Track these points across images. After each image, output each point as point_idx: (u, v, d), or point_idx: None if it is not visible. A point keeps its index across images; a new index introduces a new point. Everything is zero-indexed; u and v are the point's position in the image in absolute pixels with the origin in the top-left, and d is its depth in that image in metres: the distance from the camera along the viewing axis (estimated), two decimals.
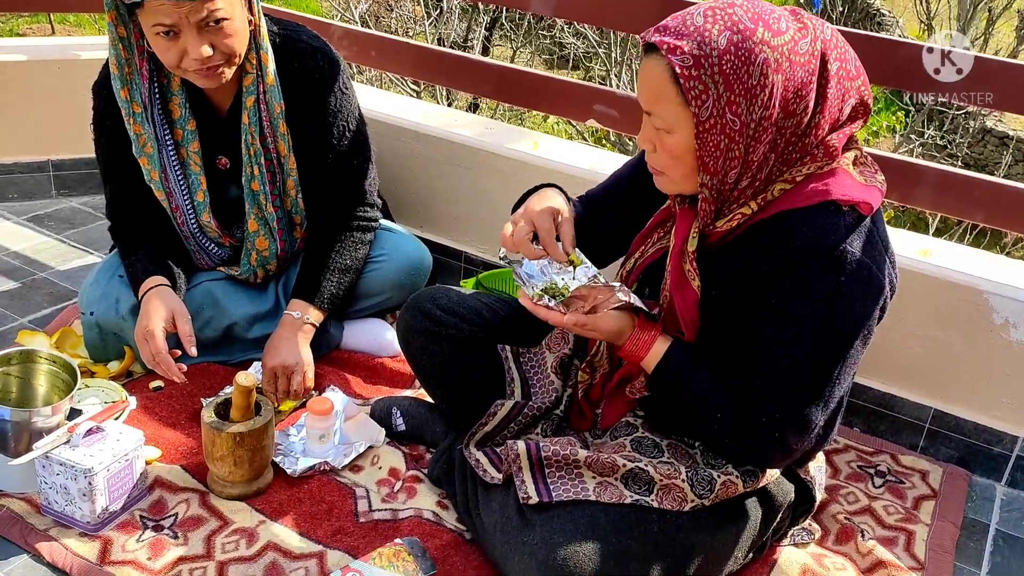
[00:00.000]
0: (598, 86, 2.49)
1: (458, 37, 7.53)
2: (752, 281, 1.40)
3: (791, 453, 1.44)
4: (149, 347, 1.78)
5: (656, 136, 1.38)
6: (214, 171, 1.98)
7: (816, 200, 1.35)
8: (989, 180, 2.01)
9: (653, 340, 1.47)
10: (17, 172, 2.80)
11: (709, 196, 1.37)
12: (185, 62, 1.73)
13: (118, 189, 1.98)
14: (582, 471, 1.51)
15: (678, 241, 1.45)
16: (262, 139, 1.92)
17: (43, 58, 2.78)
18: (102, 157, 1.98)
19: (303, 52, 1.93)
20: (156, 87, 1.86)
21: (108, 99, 1.90)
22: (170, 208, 1.96)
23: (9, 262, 2.50)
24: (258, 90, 1.88)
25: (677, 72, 1.28)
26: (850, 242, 1.34)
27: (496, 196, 2.46)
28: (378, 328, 2.21)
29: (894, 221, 6.29)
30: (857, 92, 1.37)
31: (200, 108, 1.93)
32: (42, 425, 1.60)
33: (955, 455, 2.06)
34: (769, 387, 1.40)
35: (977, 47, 8.54)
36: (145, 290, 1.86)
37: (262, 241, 2.02)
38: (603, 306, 1.45)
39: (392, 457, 1.82)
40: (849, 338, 1.37)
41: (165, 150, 1.90)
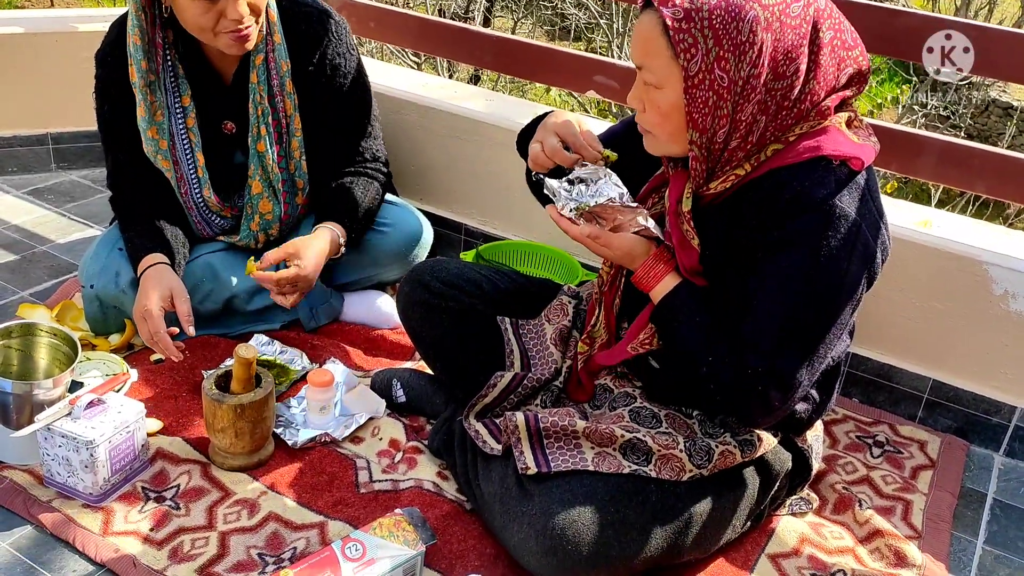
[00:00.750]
0: (599, 57, 2.47)
1: (459, 8, 7.47)
2: (743, 235, 1.41)
3: (773, 410, 1.42)
4: (147, 326, 1.79)
5: (646, 92, 1.39)
6: (220, 137, 1.99)
7: (807, 156, 1.36)
8: (990, 151, 2.00)
9: (666, 273, 1.48)
10: (16, 145, 2.79)
11: (700, 155, 1.38)
12: (221, 24, 1.76)
13: (120, 159, 1.98)
14: (580, 442, 1.52)
15: (672, 202, 1.46)
16: (270, 98, 1.94)
17: (42, 30, 2.77)
18: (104, 126, 1.98)
19: (309, 15, 1.97)
20: (168, 57, 1.88)
21: (113, 67, 1.90)
22: (175, 178, 1.96)
23: (9, 235, 2.50)
24: (266, 48, 1.91)
25: (668, 24, 1.29)
26: (840, 197, 1.34)
27: (496, 169, 2.45)
28: (378, 300, 2.21)
29: (897, 192, 6.27)
30: (855, 62, 1.38)
31: (204, 77, 1.94)
32: (43, 398, 1.61)
33: (953, 425, 2.07)
34: (752, 338, 1.39)
35: (982, 17, 8.46)
36: (144, 268, 1.86)
37: (265, 204, 2.02)
38: (623, 228, 1.46)
39: (392, 428, 1.83)
40: (833, 295, 1.37)
41: (175, 119, 1.92)
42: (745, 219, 1.40)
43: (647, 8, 1.35)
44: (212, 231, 2.07)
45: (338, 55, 2.00)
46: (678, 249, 1.46)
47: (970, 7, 8.37)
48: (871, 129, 1.46)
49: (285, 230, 2.11)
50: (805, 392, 1.44)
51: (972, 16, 8.39)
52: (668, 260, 1.48)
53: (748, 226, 1.40)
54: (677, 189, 1.46)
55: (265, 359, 1.97)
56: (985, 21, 8.31)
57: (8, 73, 2.73)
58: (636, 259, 1.48)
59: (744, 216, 1.40)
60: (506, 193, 2.45)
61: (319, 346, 2.07)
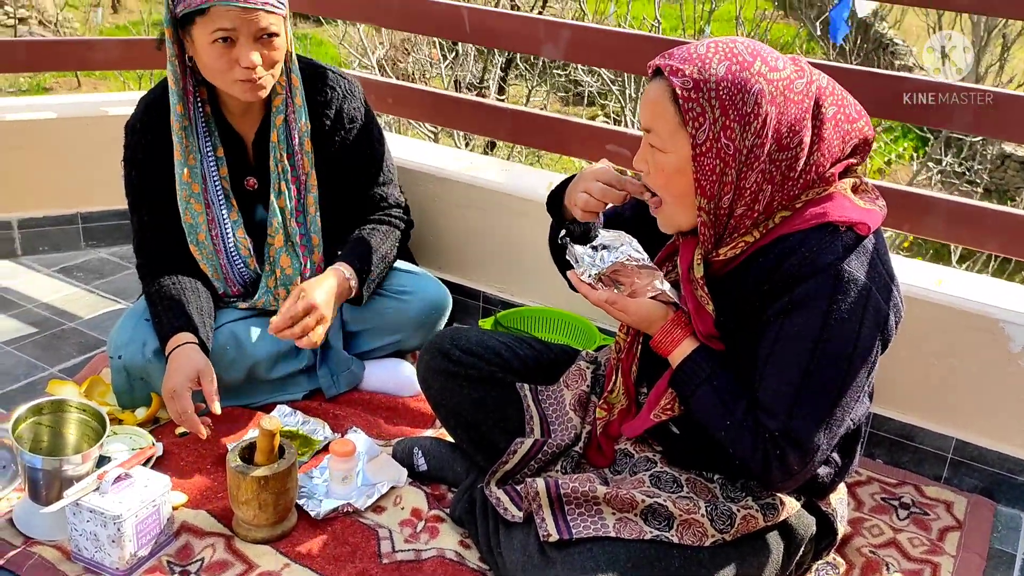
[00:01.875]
0: (609, 126, 2.53)
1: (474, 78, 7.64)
2: (753, 301, 1.43)
3: (793, 474, 1.43)
4: (176, 406, 1.83)
5: (651, 155, 1.44)
6: (243, 192, 2.08)
7: (814, 223, 1.40)
8: (1001, 210, 2.02)
9: (683, 337, 1.50)
10: (47, 225, 2.88)
11: (707, 220, 1.42)
12: (235, 71, 1.87)
13: (145, 220, 2.06)
14: (601, 507, 1.53)
15: (684, 269, 1.49)
16: (289, 156, 2.04)
17: (73, 115, 2.87)
18: (132, 190, 2.06)
19: (326, 76, 2.10)
20: (199, 104, 1.99)
21: (141, 132, 2.01)
22: (206, 221, 2.03)
23: (39, 313, 2.56)
24: (287, 110, 2.01)
25: (677, 93, 1.35)
26: (848, 262, 1.37)
27: (513, 236, 2.49)
28: (399, 368, 2.24)
29: (915, 248, 6.27)
30: (860, 133, 1.44)
31: (227, 135, 2.04)
32: (72, 473, 1.63)
33: (979, 485, 2.05)
34: (767, 401, 1.41)
35: (993, 73, 8.55)
36: (172, 347, 1.91)
37: (285, 259, 2.09)
38: (640, 292, 1.50)
39: (414, 497, 1.84)
40: (846, 357, 1.38)
41: (207, 162, 2.01)
42: (755, 285, 1.43)
43: (657, 76, 1.41)
44: (235, 278, 2.11)
45: (353, 109, 2.12)
46: (693, 315, 1.49)
47: (981, 63, 8.47)
48: (877, 192, 1.50)
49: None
50: (825, 455, 1.44)
51: (983, 72, 8.48)
52: (686, 325, 1.51)
53: (758, 292, 1.42)
54: (688, 255, 1.49)
55: (288, 430, 1.99)
56: (996, 77, 8.39)
57: (40, 156, 2.82)
58: (654, 324, 1.51)
59: (754, 282, 1.43)
60: (523, 260, 2.49)
61: (341, 416, 2.10)
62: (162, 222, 2.04)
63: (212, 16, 1.82)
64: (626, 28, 6.80)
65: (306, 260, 2.12)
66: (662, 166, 1.42)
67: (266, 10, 1.84)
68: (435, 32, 3.00)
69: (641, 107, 1.45)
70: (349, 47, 7.87)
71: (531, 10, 7.94)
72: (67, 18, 11.26)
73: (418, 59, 8.10)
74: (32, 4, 11.22)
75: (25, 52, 3.03)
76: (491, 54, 7.51)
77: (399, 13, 2.66)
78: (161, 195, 2.02)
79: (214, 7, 1.81)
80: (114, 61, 3.14)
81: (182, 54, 1.92)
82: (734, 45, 1.38)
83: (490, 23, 2.54)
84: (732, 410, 1.44)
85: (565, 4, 8.21)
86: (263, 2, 1.83)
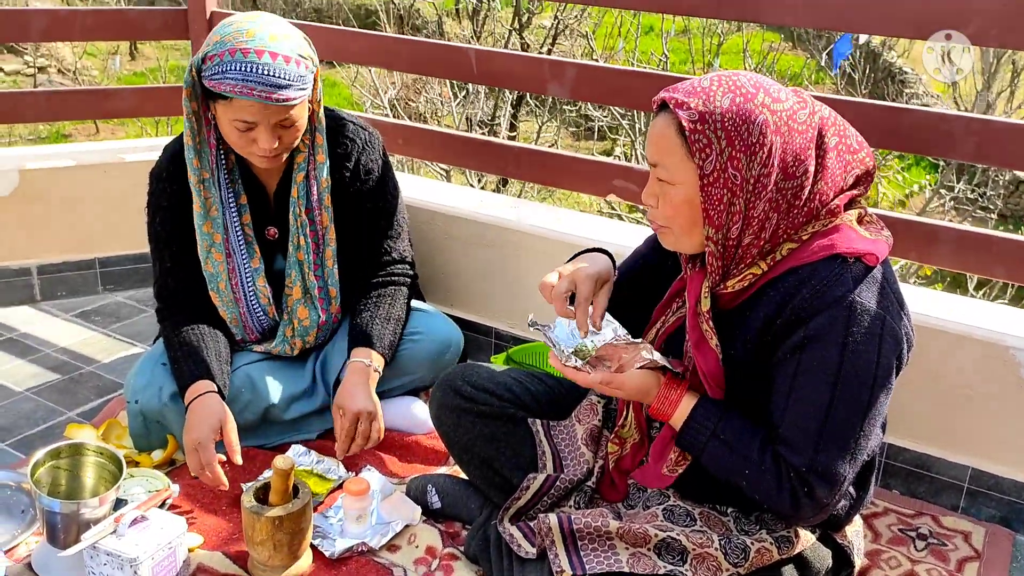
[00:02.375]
0: (617, 162, 2.56)
1: (485, 116, 7.72)
2: (766, 338, 1.44)
3: (823, 507, 1.44)
4: (199, 458, 1.85)
5: (659, 189, 1.46)
6: (263, 241, 2.10)
7: (822, 255, 1.41)
8: (1008, 237, 2.02)
9: (680, 397, 1.50)
10: (66, 271, 2.93)
11: (715, 251, 1.43)
12: (252, 148, 1.90)
13: (168, 266, 2.08)
14: (615, 542, 1.53)
15: (691, 301, 1.50)
16: (308, 211, 2.06)
17: (90, 163, 2.93)
18: (154, 236, 2.09)
19: (346, 127, 2.12)
20: (222, 156, 2.01)
21: (166, 180, 2.03)
22: (227, 270, 2.05)
23: (57, 357, 2.59)
24: (308, 166, 2.03)
25: (684, 125, 1.37)
26: (859, 292, 1.38)
27: (523, 272, 2.52)
28: (412, 406, 2.25)
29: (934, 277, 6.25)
30: (861, 163, 1.46)
31: (249, 184, 2.07)
32: (90, 516, 1.65)
33: (997, 514, 2.03)
34: (790, 438, 1.42)
35: (1003, 100, 8.56)
36: (192, 396, 1.92)
37: (303, 311, 2.10)
38: (629, 365, 1.49)
39: (428, 535, 1.84)
40: (867, 387, 1.39)
41: (228, 212, 2.03)
42: (765, 319, 1.44)
43: (663, 111, 1.44)
44: (254, 326, 2.13)
45: (370, 161, 2.13)
46: (695, 350, 1.49)
47: (992, 89, 8.48)
48: (882, 223, 1.51)
49: (322, 337, 2.18)
50: (850, 484, 1.45)
51: (994, 98, 8.49)
52: (680, 384, 1.52)
53: (769, 326, 1.43)
54: (696, 288, 1.50)
55: (302, 470, 2.01)
56: (1007, 104, 8.39)
57: (59, 203, 2.88)
58: (650, 393, 1.52)
59: (764, 316, 1.44)
60: (533, 296, 2.49)
61: (354, 454, 2.11)
62: (183, 268, 2.07)
63: (235, 105, 1.83)
64: (634, 65, 6.87)
65: (324, 312, 2.14)
66: (671, 198, 1.44)
67: (289, 104, 1.84)
68: (443, 74, 3.05)
69: (648, 142, 1.47)
70: (362, 88, 7.99)
71: (541, 47, 8.04)
72: (86, 66, 11.47)
73: (430, 98, 8.20)
74: (51, 53, 11.45)
75: (44, 102, 3.10)
76: (501, 92, 7.60)
77: (408, 57, 2.71)
78: (183, 242, 2.05)
79: (236, 99, 1.82)
80: (130, 109, 3.21)
81: (203, 109, 1.93)
82: (737, 78, 1.41)
83: (496, 64, 2.59)
84: (746, 456, 1.45)
85: (575, 41, 8.31)
86: (285, 99, 1.82)
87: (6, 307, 2.85)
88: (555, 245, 2.43)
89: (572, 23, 8.18)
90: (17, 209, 2.83)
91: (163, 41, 11.47)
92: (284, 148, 1.93)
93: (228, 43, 1.82)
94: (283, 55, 1.82)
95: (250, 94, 1.79)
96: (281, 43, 1.83)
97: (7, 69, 11.34)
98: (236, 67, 1.79)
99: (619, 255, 2.26)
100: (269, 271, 2.12)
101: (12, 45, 11.12)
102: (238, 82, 1.79)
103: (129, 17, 3.27)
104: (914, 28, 1.95)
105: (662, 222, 1.48)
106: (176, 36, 3.03)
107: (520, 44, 8.25)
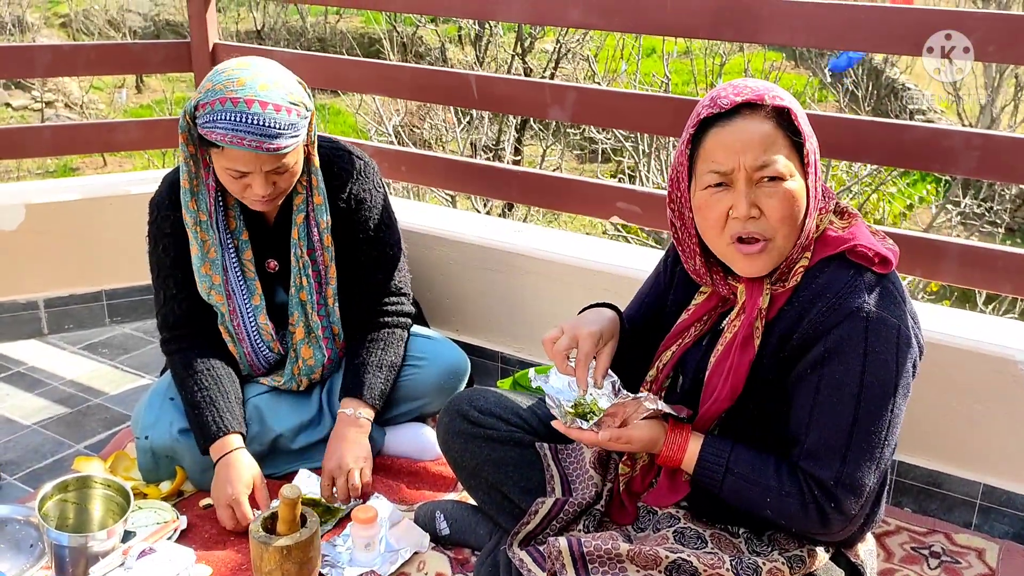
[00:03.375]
0: (619, 184, 2.57)
1: (489, 140, 7.76)
2: (783, 354, 1.46)
3: (852, 519, 1.44)
4: (235, 514, 1.88)
5: (762, 197, 1.41)
6: (264, 275, 2.10)
7: (843, 246, 1.45)
8: (1013, 252, 2.02)
9: (687, 441, 1.50)
10: (72, 304, 2.94)
11: (803, 242, 1.46)
12: (247, 193, 1.90)
13: (172, 293, 2.07)
14: (625, 565, 1.51)
15: (751, 308, 1.48)
16: (310, 251, 2.06)
17: (96, 195, 2.95)
18: (156, 266, 2.09)
19: (341, 158, 2.11)
20: (220, 197, 2.01)
21: (169, 208, 2.03)
22: (228, 311, 2.05)
23: (65, 390, 2.60)
24: (307, 208, 2.03)
25: (793, 114, 1.42)
26: (873, 302, 1.40)
27: (528, 296, 2.52)
28: (419, 432, 2.24)
29: (942, 292, 6.23)
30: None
31: (249, 218, 2.06)
32: (98, 549, 1.65)
33: (1011, 531, 2.01)
34: (816, 452, 1.42)
35: (1007, 114, 8.56)
36: (222, 453, 1.94)
37: (307, 350, 2.10)
38: (633, 417, 1.49)
39: (437, 562, 1.83)
40: (889, 396, 1.41)
41: (227, 253, 2.03)
42: (780, 336, 1.46)
43: (731, 119, 1.42)
44: (261, 364, 2.14)
45: (363, 191, 2.11)
46: (739, 349, 1.48)
47: (995, 103, 8.49)
48: (884, 234, 1.54)
49: (329, 372, 2.18)
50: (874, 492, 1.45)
51: (998, 113, 8.50)
52: (684, 427, 1.52)
53: (786, 344, 1.45)
54: (756, 294, 1.49)
55: (310, 497, 2.00)
56: (1011, 119, 8.40)
57: (66, 236, 2.90)
58: (658, 442, 1.52)
59: (779, 332, 1.46)
60: (539, 320, 2.51)
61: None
62: (188, 295, 2.06)
63: (227, 154, 1.83)
64: (636, 87, 6.90)
65: (329, 351, 2.14)
66: (789, 194, 1.41)
67: (281, 153, 1.84)
68: (445, 100, 3.08)
69: (737, 148, 1.41)
70: (366, 115, 8.04)
71: (544, 71, 8.09)
72: (92, 100, 11.59)
73: (434, 124, 8.25)
74: (58, 88, 11.57)
75: (51, 136, 3.13)
76: (505, 117, 7.64)
77: (410, 84, 2.73)
78: (186, 270, 2.04)
79: (227, 148, 1.82)
80: (136, 142, 3.24)
81: (200, 152, 1.94)
82: (755, 81, 1.48)
83: (498, 90, 2.60)
84: (765, 485, 1.45)
85: (577, 64, 8.37)
86: (276, 147, 1.82)
87: (14, 341, 2.86)
88: (560, 268, 2.43)
89: (574, 47, 8.24)
90: (23, 243, 2.85)
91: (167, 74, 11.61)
92: (279, 193, 1.94)
93: (219, 91, 1.81)
94: (273, 104, 1.81)
95: (241, 144, 1.79)
96: (272, 91, 1.82)
97: (15, 104, 11.47)
98: (227, 116, 1.79)
99: (626, 278, 2.28)
100: (271, 305, 2.11)
101: (20, 81, 11.24)
102: (229, 131, 1.79)
103: (132, 51, 3.31)
104: (911, 45, 1.96)
105: (768, 233, 1.43)
106: (179, 69, 3.07)
107: (523, 69, 8.30)
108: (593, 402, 1.54)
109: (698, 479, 1.51)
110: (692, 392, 1.59)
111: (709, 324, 1.59)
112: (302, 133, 1.88)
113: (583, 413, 1.53)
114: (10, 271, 2.85)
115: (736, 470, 1.47)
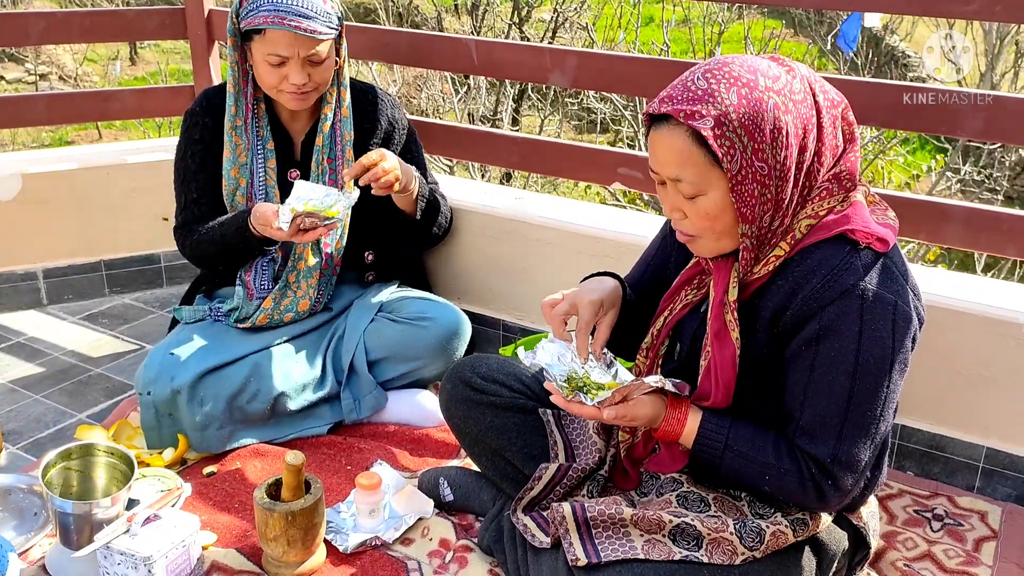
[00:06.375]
0: (621, 150, 2.55)
1: (487, 111, 7.70)
2: (776, 330, 1.44)
3: (848, 493, 1.44)
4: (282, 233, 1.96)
5: (684, 203, 1.41)
6: (285, 184, 2.21)
7: (837, 230, 1.40)
8: (1017, 214, 2.01)
9: (686, 415, 1.50)
10: (71, 274, 2.93)
11: (750, 244, 1.41)
12: (283, 85, 2.07)
13: (194, 196, 2.23)
14: (629, 529, 1.52)
15: (718, 292, 1.48)
16: (330, 160, 2.21)
17: (93, 164, 2.93)
18: (182, 171, 2.24)
19: (373, 90, 2.32)
20: (255, 102, 2.17)
21: (201, 115, 2.20)
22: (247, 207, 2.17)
23: (66, 360, 2.59)
24: (334, 118, 2.19)
25: (704, 135, 1.33)
26: (869, 280, 1.37)
27: (529, 264, 2.51)
28: (422, 399, 2.25)
29: (940, 258, 6.22)
30: (842, 117, 1.45)
31: (277, 132, 2.22)
32: (102, 516, 1.65)
33: (1013, 493, 2.01)
34: (814, 430, 1.42)
35: (1007, 81, 8.51)
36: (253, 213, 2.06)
37: (308, 253, 2.19)
38: (634, 393, 1.48)
39: (442, 528, 1.84)
40: (884, 373, 1.39)
41: (256, 158, 2.18)
42: (774, 310, 1.43)
43: (663, 123, 1.38)
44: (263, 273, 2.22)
45: (394, 114, 2.32)
46: (715, 340, 1.48)
47: (995, 70, 8.43)
48: (886, 204, 1.51)
49: (323, 292, 2.24)
50: (870, 467, 1.45)
51: (998, 79, 8.44)
52: (682, 401, 1.51)
53: (779, 319, 1.43)
54: (723, 279, 1.48)
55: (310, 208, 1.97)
56: (1011, 86, 8.34)
57: (63, 207, 2.88)
58: (659, 416, 1.51)
59: (773, 306, 1.43)
60: (540, 287, 2.49)
61: (365, 449, 2.10)
62: (208, 198, 2.21)
63: (268, 38, 2.02)
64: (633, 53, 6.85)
65: (327, 257, 2.22)
66: (703, 209, 1.40)
67: (317, 37, 2.02)
68: (445, 66, 3.04)
69: (657, 159, 1.41)
70: None
71: (541, 40, 8.02)
72: (86, 72, 11.49)
73: (431, 95, 8.19)
74: (52, 60, 11.46)
75: (46, 106, 3.09)
76: (503, 86, 7.58)
77: (408, 50, 2.70)
78: (211, 175, 2.20)
79: (269, 30, 1.99)
80: (132, 110, 3.21)
81: (243, 60, 2.11)
82: (729, 68, 1.37)
83: (497, 55, 2.57)
84: (764, 463, 1.45)
85: (575, 33, 8.29)
86: (313, 30, 2.00)
87: (13, 312, 2.85)
88: (561, 235, 2.42)
89: (572, 16, 8.16)
90: (21, 214, 2.83)
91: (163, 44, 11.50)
92: (313, 87, 2.09)
93: None
94: None
95: (280, 23, 1.98)
96: None
97: (8, 77, 11.37)
98: (268, 2, 2.00)
99: (628, 244, 2.27)
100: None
101: (13, 53, 11.14)
102: (270, 13, 1.99)
103: (127, 17, 3.27)
104: (919, 5, 1.94)
105: (694, 232, 1.44)
106: (174, 36, 3.04)
107: (520, 38, 8.22)
108: (586, 375, 1.52)
109: (697, 455, 1.50)
110: (690, 360, 1.58)
111: (705, 291, 1.57)
112: (336, 27, 2.07)
113: (578, 387, 1.51)
114: (8, 241, 2.83)
115: (735, 447, 1.46)
